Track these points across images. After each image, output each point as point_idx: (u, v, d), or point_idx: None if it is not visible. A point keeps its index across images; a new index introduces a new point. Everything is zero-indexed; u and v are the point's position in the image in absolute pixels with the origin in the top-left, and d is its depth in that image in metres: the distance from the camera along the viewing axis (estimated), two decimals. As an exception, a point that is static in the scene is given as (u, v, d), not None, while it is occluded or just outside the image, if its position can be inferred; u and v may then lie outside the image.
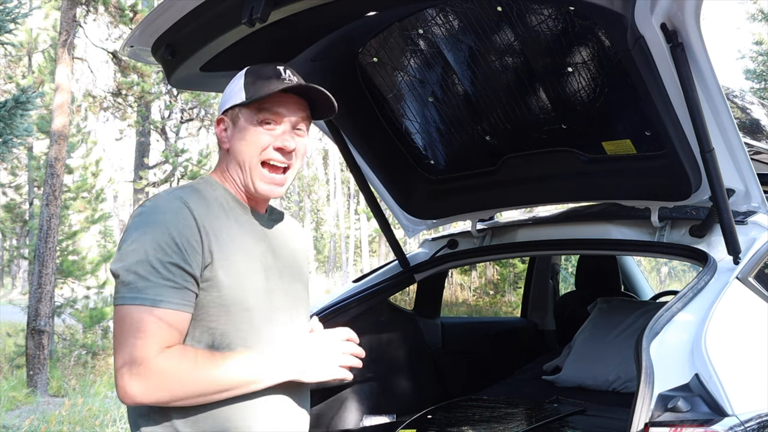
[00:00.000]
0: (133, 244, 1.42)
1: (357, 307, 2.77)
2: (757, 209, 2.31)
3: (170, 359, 1.38)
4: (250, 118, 1.55)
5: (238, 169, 1.57)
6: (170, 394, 1.39)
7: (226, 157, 1.61)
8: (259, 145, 1.55)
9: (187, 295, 1.42)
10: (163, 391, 1.38)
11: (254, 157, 1.55)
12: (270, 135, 1.55)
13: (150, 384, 1.37)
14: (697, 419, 1.51)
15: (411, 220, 2.96)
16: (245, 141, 1.55)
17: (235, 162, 1.57)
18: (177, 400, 1.40)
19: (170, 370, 1.38)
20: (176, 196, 1.49)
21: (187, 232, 1.43)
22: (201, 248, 1.44)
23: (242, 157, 1.56)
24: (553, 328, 4.05)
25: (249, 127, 1.55)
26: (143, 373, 1.36)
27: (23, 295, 16.02)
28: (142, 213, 1.46)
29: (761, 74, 19.68)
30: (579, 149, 2.48)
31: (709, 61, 1.83)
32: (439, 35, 2.28)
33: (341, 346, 1.57)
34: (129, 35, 2.06)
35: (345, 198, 32.18)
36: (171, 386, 1.38)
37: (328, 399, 2.75)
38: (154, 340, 1.38)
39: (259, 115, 1.55)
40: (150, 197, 1.53)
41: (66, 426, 6.11)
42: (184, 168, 14.03)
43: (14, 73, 15.05)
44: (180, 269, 1.41)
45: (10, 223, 14.01)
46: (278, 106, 1.56)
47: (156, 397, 1.39)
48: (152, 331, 1.38)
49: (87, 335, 10.91)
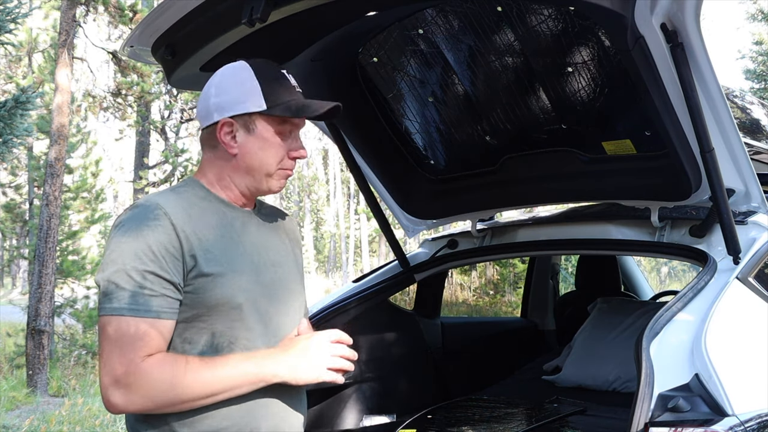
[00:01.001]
0: (112, 254, 1.42)
1: (357, 307, 2.77)
2: (757, 209, 2.30)
3: (152, 368, 1.37)
4: (270, 127, 1.53)
5: (247, 176, 1.55)
6: (153, 403, 1.38)
7: (225, 162, 1.55)
8: (281, 155, 1.55)
9: (167, 302, 1.41)
10: (145, 399, 1.37)
11: (273, 166, 1.54)
12: (288, 144, 1.56)
13: (133, 394, 1.36)
14: (697, 419, 1.50)
15: (411, 220, 2.96)
16: (265, 151, 1.53)
17: (244, 170, 1.55)
18: (161, 408, 1.40)
19: (152, 379, 1.37)
20: (154, 203, 1.47)
21: (164, 239, 1.42)
22: (181, 254, 1.43)
23: (259, 166, 1.54)
24: (553, 328, 4.05)
25: (269, 138, 1.53)
26: (124, 382, 1.36)
27: (23, 295, 16.03)
28: (121, 223, 1.46)
29: (761, 74, 19.68)
30: (579, 149, 2.48)
31: (709, 61, 1.83)
32: (439, 35, 2.28)
33: (330, 348, 1.53)
34: (129, 35, 2.06)
35: (345, 198, 32.18)
36: (153, 395, 1.37)
37: (328, 399, 2.75)
38: (136, 350, 1.37)
39: (282, 126, 1.54)
40: (130, 205, 1.53)
41: (66, 426, 6.11)
42: (184, 168, 14.01)
43: (14, 73, 15.04)
44: (157, 277, 1.40)
45: (10, 223, 14.02)
46: (300, 118, 1.56)
47: (139, 406, 1.38)
48: (135, 341, 1.37)
49: (87, 335, 10.92)
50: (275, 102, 1.51)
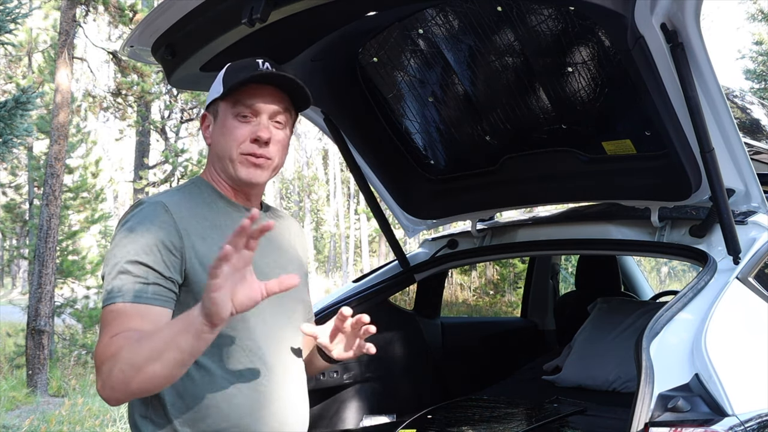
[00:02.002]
0: (113, 249, 1.45)
1: (357, 307, 2.77)
2: (757, 209, 2.30)
3: (112, 343, 1.34)
4: (227, 112, 1.55)
5: (219, 163, 1.58)
6: (112, 380, 1.31)
7: (210, 153, 1.61)
8: (237, 138, 1.53)
9: (159, 290, 1.41)
10: (115, 376, 1.30)
11: (233, 149, 1.54)
12: (247, 128, 1.54)
13: (104, 375, 1.32)
14: (697, 419, 1.51)
15: (411, 220, 2.96)
16: (223, 135, 1.55)
17: (217, 156, 1.58)
18: (133, 381, 1.30)
19: (112, 352, 1.32)
20: (157, 201, 1.50)
21: (163, 235, 1.43)
22: (180, 251, 1.44)
23: (222, 150, 1.56)
24: (553, 328, 4.05)
25: (227, 121, 1.55)
26: (98, 366, 1.35)
27: (23, 295, 16.04)
28: (126, 220, 1.49)
29: (761, 74, 19.68)
30: (579, 149, 2.48)
31: (709, 61, 1.83)
32: (439, 35, 2.28)
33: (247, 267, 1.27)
34: (129, 35, 2.06)
35: (345, 198, 32.17)
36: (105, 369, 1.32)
37: (328, 399, 2.75)
38: (107, 332, 1.37)
39: (234, 108, 1.54)
40: (136, 202, 1.54)
41: (66, 426, 6.11)
42: (184, 168, 14.01)
43: (14, 73, 15.05)
44: (149, 269, 1.41)
45: (10, 223, 14.03)
46: (253, 98, 1.54)
47: (115, 383, 1.31)
48: (110, 326, 1.38)
49: (87, 335, 10.92)
50: (230, 85, 1.53)
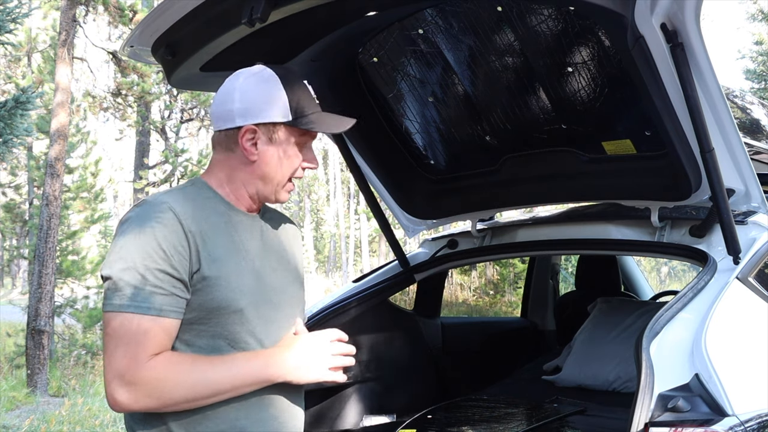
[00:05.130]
0: (121, 251, 1.41)
1: (357, 307, 2.77)
2: (757, 209, 2.30)
3: (158, 366, 1.38)
4: (291, 138, 1.55)
5: (260, 183, 1.55)
6: (158, 402, 1.39)
7: (241, 166, 1.55)
8: (297, 165, 1.57)
9: (175, 301, 1.42)
10: (151, 398, 1.38)
11: (287, 175, 1.57)
12: (303, 155, 1.58)
13: (138, 392, 1.38)
14: (697, 419, 1.51)
15: (411, 220, 2.96)
16: (283, 161, 1.55)
17: (259, 176, 1.55)
18: (165, 407, 1.41)
19: (158, 377, 1.38)
20: (162, 201, 1.47)
21: (173, 238, 1.42)
22: (188, 253, 1.43)
23: (274, 174, 1.55)
24: (553, 328, 4.05)
25: (289, 148, 1.55)
26: (131, 381, 1.37)
27: (23, 295, 16.02)
28: (129, 219, 1.46)
29: (761, 74, 19.68)
30: (579, 149, 2.48)
31: (709, 61, 1.83)
32: (439, 35, 2.28)
33: (330, 347, 1.54)
34: (129, 35, 2.06)
35: (345, 198, 32.17)
36: (159, 394, 1.39)
37: (328, 399, 2.75)
38: (141, 347, 1.38)
39: (302, 138, 1.56)
40: (137, 203, 1.53)
41: (66, 426, 6.11)
42: (184, 168, 14.01)
43: (14, 73, 15.05)
44: (167, 275, 1.40)
45: (10, 223, 14.03)
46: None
47: (144, 404, 1.39)
48: (140, 338, 1.38)
49: (87, 335, 10.92)
50: (300, 114, 1.53)
